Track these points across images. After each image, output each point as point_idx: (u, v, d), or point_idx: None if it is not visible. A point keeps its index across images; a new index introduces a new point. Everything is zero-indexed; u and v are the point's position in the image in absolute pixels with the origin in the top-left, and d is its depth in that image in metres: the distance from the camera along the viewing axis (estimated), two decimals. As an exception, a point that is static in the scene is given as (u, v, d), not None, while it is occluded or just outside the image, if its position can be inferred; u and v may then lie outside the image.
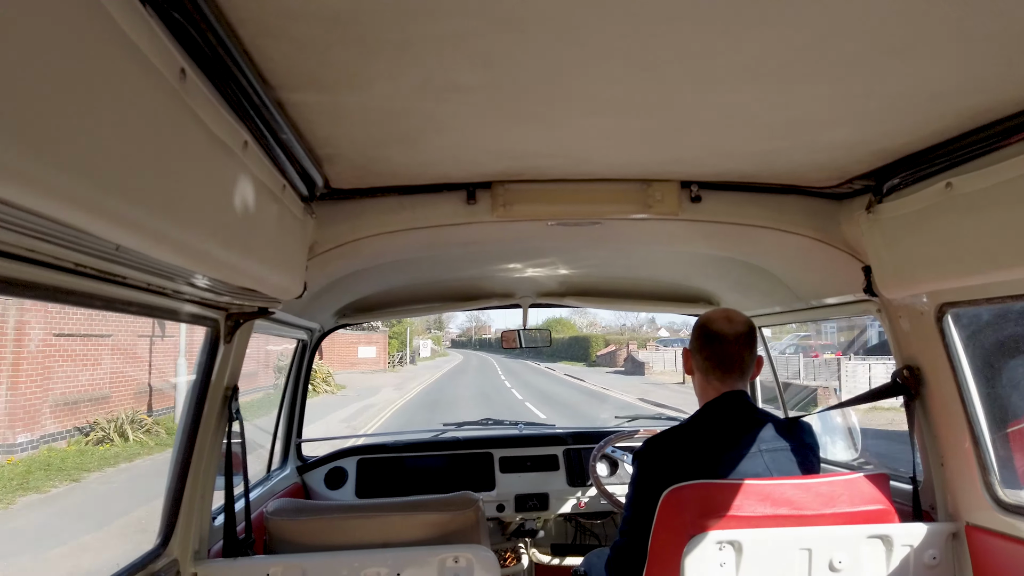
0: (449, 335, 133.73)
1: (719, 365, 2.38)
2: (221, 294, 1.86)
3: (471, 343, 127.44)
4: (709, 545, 2.06)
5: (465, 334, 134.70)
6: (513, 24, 1.17)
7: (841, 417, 3.23)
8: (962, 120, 1.66)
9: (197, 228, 1.26)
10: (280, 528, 2.39)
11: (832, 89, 1.46)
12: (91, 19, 0.88)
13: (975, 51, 1.28)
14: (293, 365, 3.86)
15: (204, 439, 2.27)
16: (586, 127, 1.72)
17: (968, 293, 2.10)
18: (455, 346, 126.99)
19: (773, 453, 2.31)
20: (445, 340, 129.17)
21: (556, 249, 3.06)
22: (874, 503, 2.21)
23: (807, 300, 3.02)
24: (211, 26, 1.11)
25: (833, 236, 2.41)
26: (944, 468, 2.36)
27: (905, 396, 2.42)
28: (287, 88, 1.42)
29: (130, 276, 1.48)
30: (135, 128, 1.02)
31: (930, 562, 2.22)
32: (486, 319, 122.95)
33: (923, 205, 1.96)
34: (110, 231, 1.03)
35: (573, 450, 4.09)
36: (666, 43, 1.24)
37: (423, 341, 75.49)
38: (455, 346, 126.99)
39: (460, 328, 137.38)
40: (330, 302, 3.53)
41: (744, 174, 2.22)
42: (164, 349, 18.37)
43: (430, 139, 1.80)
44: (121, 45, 0.95)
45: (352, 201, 2.30)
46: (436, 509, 2.44)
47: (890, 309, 2.44)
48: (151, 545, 2.16)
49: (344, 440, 4.87)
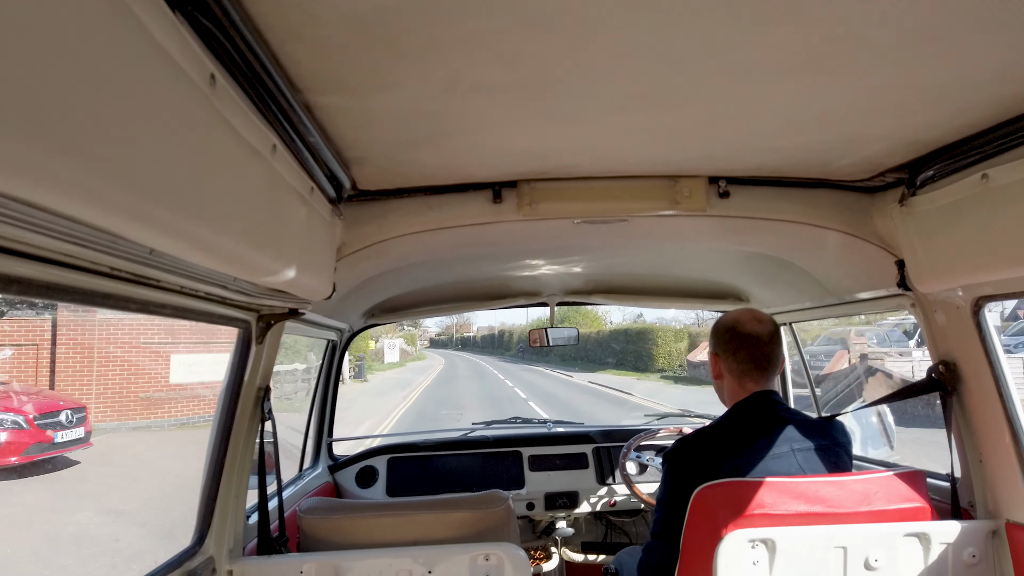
0: (428, 333, 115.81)
1: (756, 366, 2.37)
2: (252, 296, 1.88)
3: (452, 342, 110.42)
4: (742, 543, 2.04)
5: (445, 332, 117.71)
6: (539, 22, 1.17)
7: (876, 415, 3.17)
8: (997, 110, 1.62)
9: (228, 231, 1.28)
10: (313, 526, 2.42)
11: (864, 80, 1.44)
12: (123, 27, 0.90)
13: (1011, 39, 1.25)
14: (323, 365, 3.90)
15: (237, 439, 2.31)
16: (612, 124, 1.71)
17: (1005, 286, 2.05)
18: (434, 346, 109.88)
19: (806, 452, 2.29)
20: (422, 339, 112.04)
21: (582, 247, 3.05)
22: (910, 501, 2.18)
23: (839, 295, 2.97)
24: (239, 31, 1.12)
25: (865, 230, 2.37)
26: (983, 465, 2.31)
27: (941, 392, 2.38)
28: (315, 91, 1.44)
29: (163, 279, 1.51)
30: (167, 133, 1.03)
31: (969, 560, 2.17)
32: (468, 316, 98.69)
33: (958, 197, 1.92)
34: (144, 235, 1.05)
35: (603, 448, 4.08)
36: (693, 37, 1.23)
37: (389, 341, 55.88)
38: (434, 346, 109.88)
39: (440, 326, 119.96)
40: (359, 303, 3.56)
41: (773, 168, 2.19)
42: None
43: (457, 139, 1.80)
44: (152, 52, 0.97)
45: (379, 202, 2.32)
46: (466, 507, 2.45)
47: (924, 304, 2.40)
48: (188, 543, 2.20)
49: (374, 439, 4.91)
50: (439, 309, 4.15)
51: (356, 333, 4.05)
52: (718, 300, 4.01)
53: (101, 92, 0.86)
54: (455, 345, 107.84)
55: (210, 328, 11.89)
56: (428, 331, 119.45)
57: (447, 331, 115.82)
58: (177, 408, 17.56)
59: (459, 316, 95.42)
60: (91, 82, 0.84)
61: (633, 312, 63.98)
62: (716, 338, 2.48)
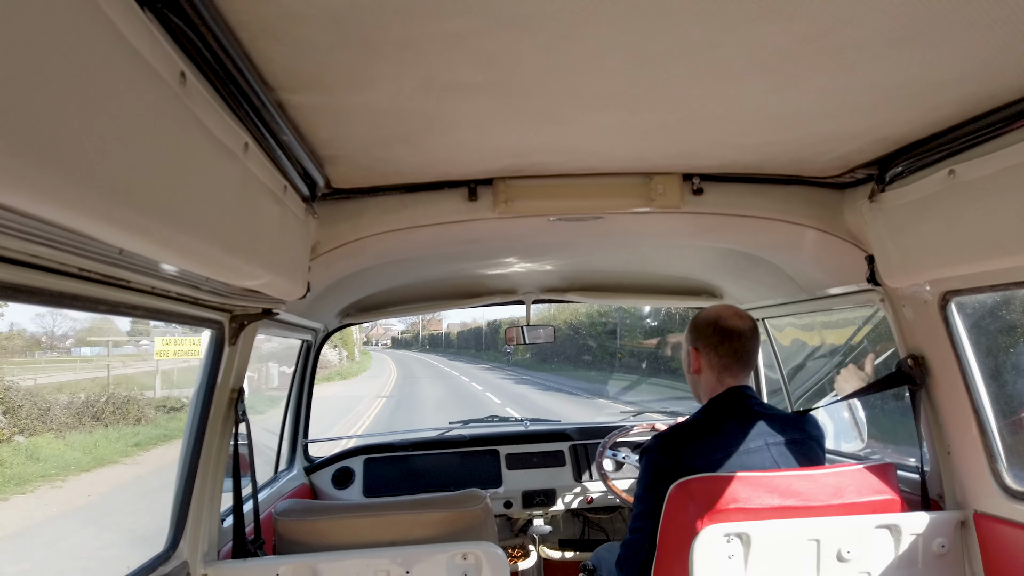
0: (391, 332, 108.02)
1: (737, 361, 2.41)
2: (225, 296, 1.86)
3: (418, 342, 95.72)
4: (717, 538, 2.06)
5: (411, 330, 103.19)
6: (514, 21, 1.17)
7: (847, 409, 3.22)
8: (964, 107, 1.66)
9: (199, 231, 1.26)
10: (289, 528, 2.40)
11: (835, 79, 1.46)
12: (91, 24, 0.88)
13: (977, 38, 1.27)
14: (298, 366, 3.87)
15: (211, 441, 2.28)
16: (588, 122, 1.71)
17: (972, 280, 2.09)
18: (397, 346, 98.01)
19: (779, 446, 2.32)
20: (383, 339, 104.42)
21: (558, 244, 3.05)
22: (881, 493, 2.22)
23: (811, 291, 3.01)
24: (210, 29, 1.11)
25: (836, 226, 2.41)
26: (951, 456, 2.36)
27: (910, 386, 2.42)
28: (288, 90, 1.42)
29: (134, 280, 1.49)
30: (136, 132, 1.02)
31: (939, 550, 2.22)
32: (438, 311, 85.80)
33: (926, 193, 1.96)
34: (113, 235, 1.03)
35: (579, 445, 4.09)
36: (668, 37, 1.24)
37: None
38: (397, 346, 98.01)
39: (405, 323, 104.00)
40: (334, 302, 3.53)
41: (746, 166, 2.22)
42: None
43: (432, 138, 1.80)
44: (121, 49, 0.95)
45: (353, 200, 2.30)
46: (444, 507, 2.44)
47: (893, 298, 2.44)
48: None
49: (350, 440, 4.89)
50: (415, 308, 4.14)
51: (331, 333, 4.03)
52: (692, 296, 4.04)
53: (68, 90, 0.85)
54: (421, 346, 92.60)
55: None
56: (392, 328, 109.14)
57: (412, 328, 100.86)
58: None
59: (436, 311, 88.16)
60: (58, 80, 0.82)
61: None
62: (697, 332, 2.50)
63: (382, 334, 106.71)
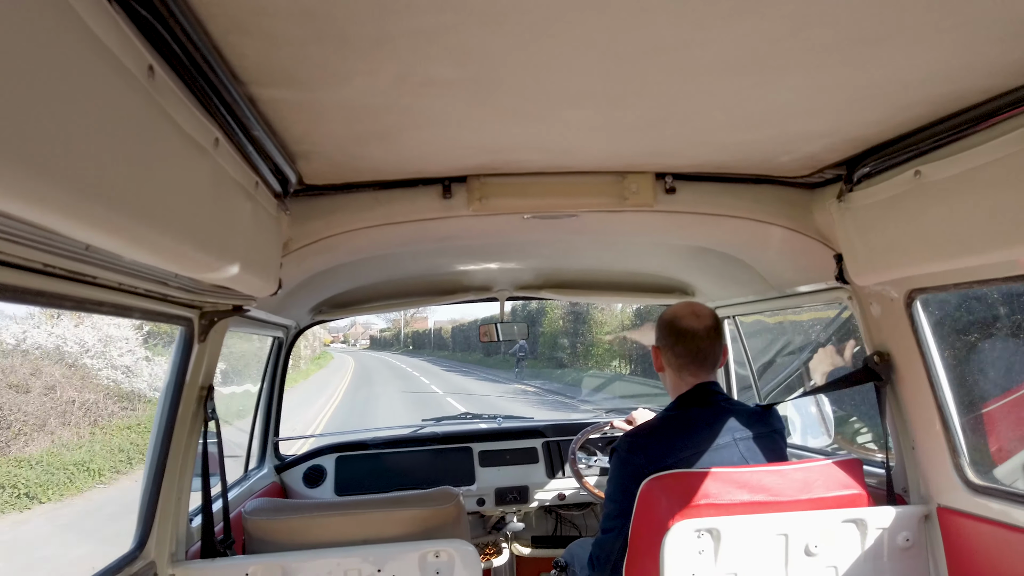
0: (370, 330, 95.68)
1: (693, 360, 2.42)
2: (194, 292, 1.84)
3: (400, 342, 79.71)
4: (688, 533, 2.08)
5: (392, 327, 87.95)
6: (490, 18, 1.16)
7: (814, 404, 3.27)
8: (931, 108, 1.69)
9: (168, 226, 1.24)
10: (259, 528, 2.37)
11: (806, 79, 1.48)
12: (56, 16, 0.86)
13: (943, 40, 1.30)
14: (269, 363, 3.83)
15: (180, 440, 2.25)
16: (562, 120, 1.72)
17: (936, 279, 2.14)
18: (376, 346, 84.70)
19: (747, 441, 2.35)
20: (361, 338, 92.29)
21: (533, 242, 3.06)
22: (848, 488, 2.26)
23: (781, 289, 3.06)
24: (179, 22, 1.09)
25: (806, 225, 2.44)
26: (915, 451, 2.41)
27: (876, 382, 2.47)
28: (260, 84, 1.40)
29: (100, 276, 1.46)
30: (103, 126, 1.00)
31: (903, 544, 2.26)
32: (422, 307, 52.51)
33: (893, 193, 1.99)
34: (79, 231, 1.01)
35: (552, 442, 4.11)
36: (642, 35, 1.25)
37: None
38: (376, 346, 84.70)
39: (387, 320, 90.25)
40: (306, 299, 3.50)
41: (718, 165, 2.24)
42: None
43: (407, 134, 1.79)
44: (87, 42, 0.93)
45: (326, 197, 2.29)
46: (416, 505, 2.44)
47: (861, 296, 2.48)
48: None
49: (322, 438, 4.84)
50: (389, 305, 4.11)
51: (303, 330, 3.99)
52: (665, 294, 4.08)
53: (32, 83, 0.83)
54: (402, 346, 76.50)
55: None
56: (373, 325, 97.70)
57: (394, 325, 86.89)
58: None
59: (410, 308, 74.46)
60: (20, 72, 0.80)
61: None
62: (658, 331, 2.53)
63: (360, 333, 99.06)
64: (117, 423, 15.09)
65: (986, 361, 5.64)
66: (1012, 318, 5.84)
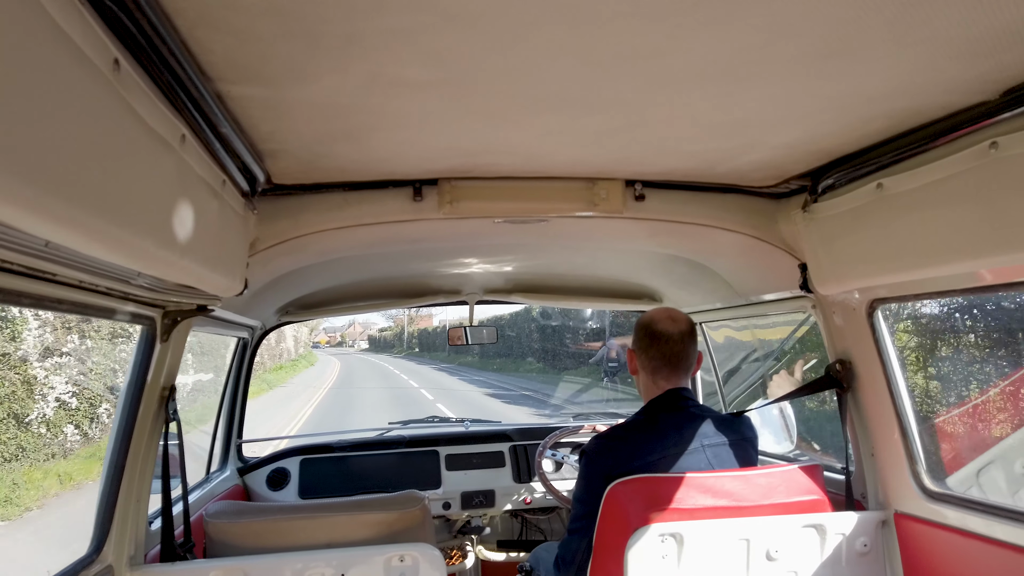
0: (369, 330, 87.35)
1: (666, 364, 2.44)
2: (157, 291, 1.80)
3: (401, 342, 69.65)
4: (652, 538, 2.09)
5: (395, 326, 76.13)
6: (463, 20, 1.16)
7: (778, 411, 3.32)
8: (893, 122, 1.73)
9: (132, 223, 1.22)
10: (220, 531, 2.33)
11: (773, 90, 1.51)
12: (19, 6, 0.84)
13: (906, 56, 1.33)
14: (233, 364, 3.77)
15: (140, 441, 2.20)
16: (534, 125, 1.72)
17: (897, 289, 2.19)
18: (375, 348, 77.71)
19: (716, 448, 2.37)
20: (360, 339, 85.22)
21: (503, 246, 3.06)
22: (809, 493, 2.29)
23: (746, 296, 3.10)
24: (146, 15, 1.07)
25: (771, 234, 2.48)
26: (874, 458, 2.46)
27: (838, 389, 2.51)
28: (228, 81, 1.39)
29: (60, 273, 1.43)
30: (66, 120, 0.97)
31: (861, 549, 2.30)
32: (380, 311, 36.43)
33: (856, 205, 2.03)
34: (38, 226, 0.99)
35: (519, 446, 4.11)
36: (615, 42, 1.26)
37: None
38: (375, 348, 77.71)
39: (389, 319, 78.94)
40: (272, 299, 3.46)
41: (687, 173, 2.26)
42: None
43: (377, 135, 1.78)
44: (50, 32, 0.91)
45: (295, 197, 2.26)
46: (381, 508, 2.42)
47: (824, 305, 2.53)
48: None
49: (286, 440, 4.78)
50: (357, 307, 4.08)
51: (269, 331, 3.94)
52: (634, 300, 4.11)
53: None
54: (405, 348, 66.71)
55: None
56: (373, 325, 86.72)
57: (397, 324, 74.20)
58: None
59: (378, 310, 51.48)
60: None
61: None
62: (634, 335, 2.55)
63: (359, 333, 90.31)
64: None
65: (944, 371, 5.78)
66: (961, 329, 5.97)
